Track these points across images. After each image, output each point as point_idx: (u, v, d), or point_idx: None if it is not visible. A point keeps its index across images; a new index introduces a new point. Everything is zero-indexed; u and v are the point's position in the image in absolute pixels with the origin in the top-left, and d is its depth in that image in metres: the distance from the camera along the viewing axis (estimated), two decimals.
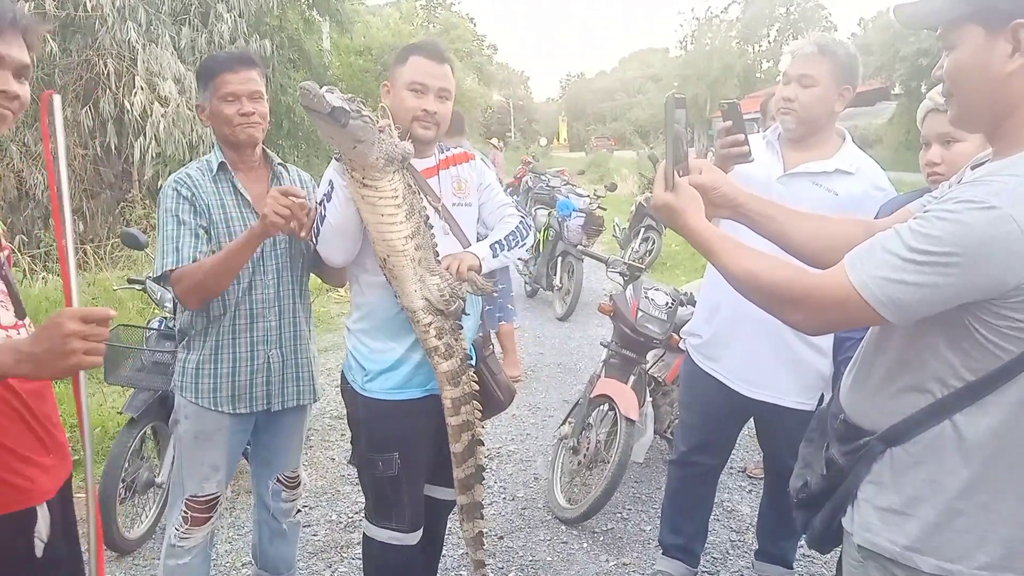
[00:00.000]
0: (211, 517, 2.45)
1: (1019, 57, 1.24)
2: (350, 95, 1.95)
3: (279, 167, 2.46)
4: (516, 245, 2.40)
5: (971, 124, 1.39)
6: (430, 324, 2.16)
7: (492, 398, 2.47)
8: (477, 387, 2.30)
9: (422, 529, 2.41)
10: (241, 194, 2.34)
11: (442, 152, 2.37)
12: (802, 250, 1.60)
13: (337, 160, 2.09)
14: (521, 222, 2.45)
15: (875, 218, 2.23)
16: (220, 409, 2.35)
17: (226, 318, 2.32)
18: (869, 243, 1.28)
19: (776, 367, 2.58)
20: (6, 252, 1.65)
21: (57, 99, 1.49)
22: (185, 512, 2.39)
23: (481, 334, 2.52)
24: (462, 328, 2.24)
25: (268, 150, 2.47)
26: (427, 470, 2.40)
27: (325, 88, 1.91)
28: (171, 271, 2.21)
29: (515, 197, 9.31)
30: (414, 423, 2.28)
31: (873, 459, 1.37)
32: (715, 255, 1.48)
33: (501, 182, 3.14)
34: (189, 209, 2.25)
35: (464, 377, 2.25)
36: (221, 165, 2.32)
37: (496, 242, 2.36)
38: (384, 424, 2.29)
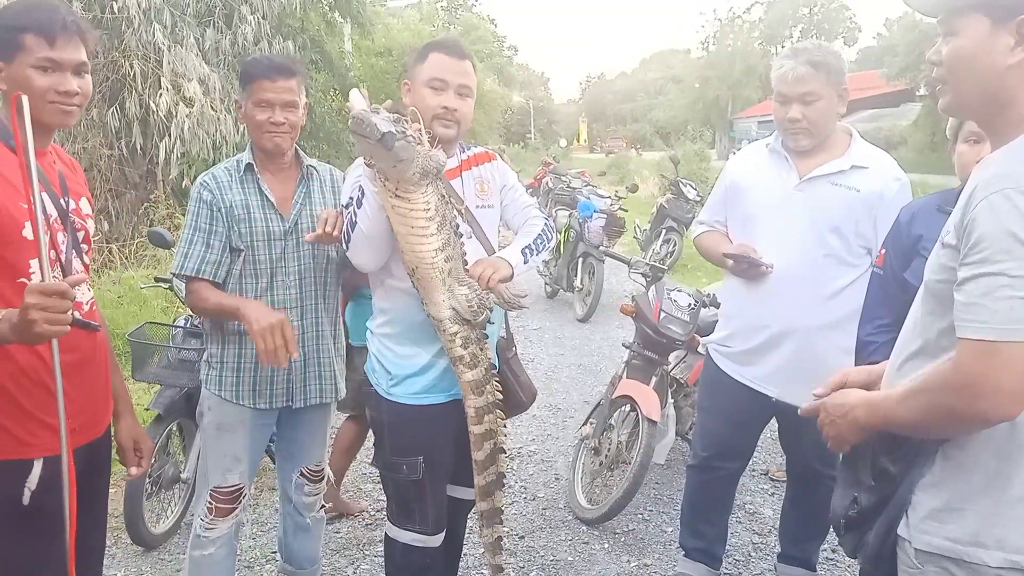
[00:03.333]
0: (236, 508, 2.47)
1: (1020, 51, 1.25)
2: (395, 115, 1.95)
3: (310, 168, 2.47)
4: (543, 249, 2.39)
5: (963, 112, 1.41)
6: (456, 334, 2.15)
7: (514, 399, 2.48)
8: (501, 396, 2.29)
9: (444, 531, 2.42)
10: (265, 195, 2.36)
11: (463, 151, 2.35)
12: None
13: (367, 166, 2.06)
14: (547, 224, 2.43)
15: (898, 218, 2.22)
16: (241, 403, 2.39)
17: None
18: (964, 303, 1.23)
19: (813, 374, 2.56)
20: (83, 234, 1.90)
21: (25, 99, 1.59)
22: (210, 503, 2.42)
23: (503, 335, 2.51)
24: (487, 337, 2.24)
25: (301, 151, 2.48)
26: (449, 471, 2.40)
27: (371, 108, 1.91)
28: (177, 273, 2.35)
29: (535, 198, 9.31)
30: (438, 427, 2.28)
31: (927, 459, 1.37)
32: (890, 417, 1.41)
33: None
34: (207, 215, 2.30)
35: (488, 386, 2.24)
36: (248, 166, 2.36)
37: (526, 247, 2.33)
38: (409, 428, 2.29)
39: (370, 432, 2.75)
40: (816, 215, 2.53)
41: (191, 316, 3.49)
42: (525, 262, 2.30)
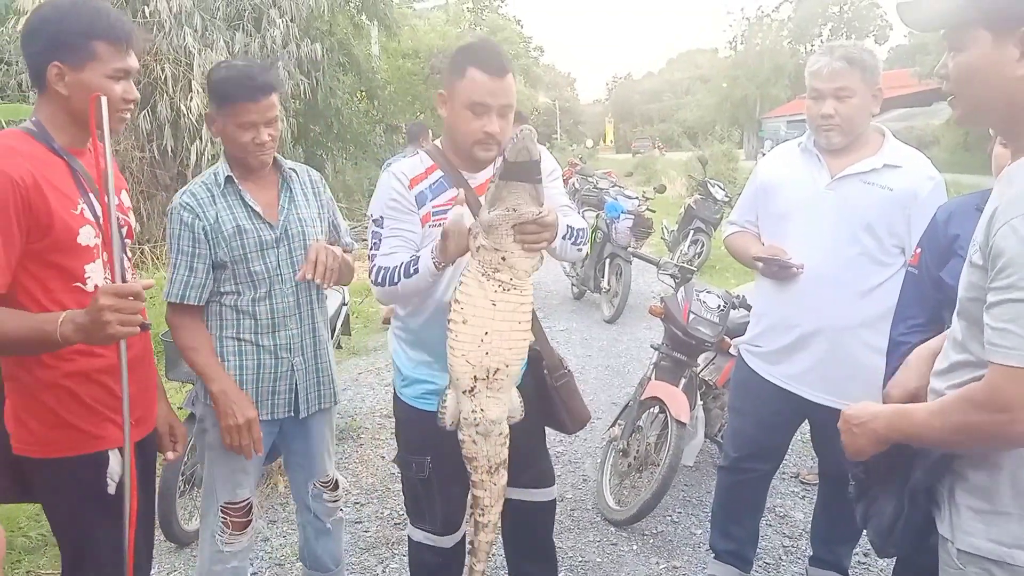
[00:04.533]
0: (250, 520, 2.46)
1: None
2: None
3: (289, 171, 2.40)
4: (578, 242, 2.26)
5: (978, 123, 1.43)
6: (505, 437, 2.06)
7: (557, 424, 2.42)
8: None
9: (460, 532, 2.42)
10: (250, 206, 2.28)
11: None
12: None
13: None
14: (583, 228, 2.30)
15: (934, 217, 2.19)
16: None
17: (246, 325, 2.30)
18: (993, 327, 1.25)
19: (845, 374, 2.54)
20: (125, 229, 1.96)
21: (104, 100, 1.68)
22: (224, 518, 2.39)
23: (546, 361, 2.37)
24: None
25: (278, 156, 2.41)
26: (461, 476, 2.33)
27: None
28: (170, 302, 2.27)
29: None
30: (445, 434, 2.15)
31: (970, 464, 1.37)
32: (914, 433, 1.44)
33: None
34: (189, 237, 2.22)
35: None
36: (228, 179, 2.28)
37: (567, 228, 2.20)
38: (416, 429, 2.32)
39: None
40: (848, 214, 2.50)
41: None
42: (565, 237, 2.18)
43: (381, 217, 2.18)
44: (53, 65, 1.74)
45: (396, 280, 2.07)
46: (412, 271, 2.04)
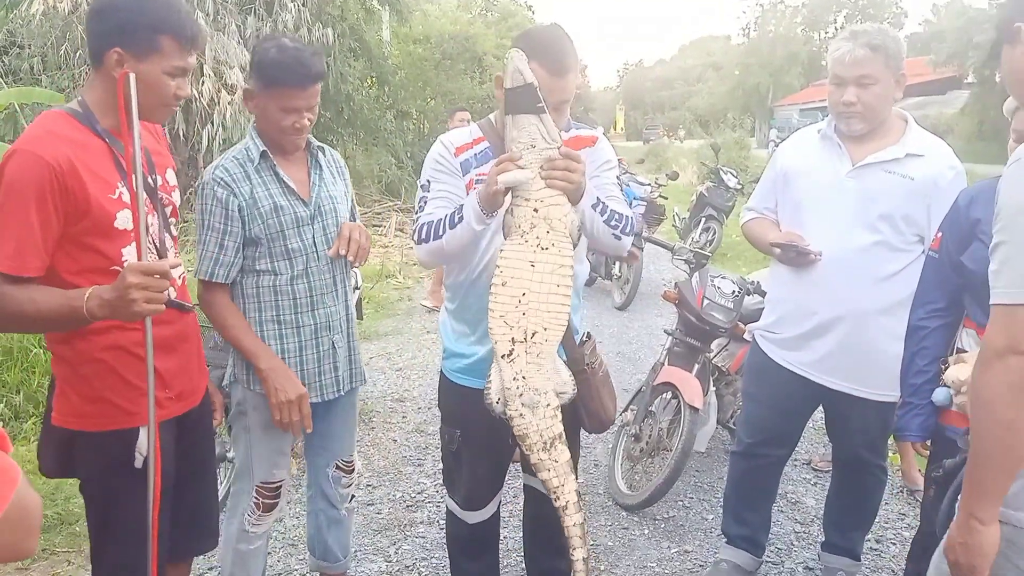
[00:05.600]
0: (278, 502, 2.48)
1: None
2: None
3: (317, 150, 2.39)
4: (612, 224, 2.15)
5: None
6: (556, 409, 2.01)
7: (577, 419, 2.28)
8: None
9: (487, 512, 2.44)
10: (285, 182, 2.27)
11: (565, 131, 2.14)
12: None
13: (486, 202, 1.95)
14: (624, 214, 2.19)
15: (956, 201, 2.17)
16: None
17: (285, 306, 2.29)
18: (993, 270, 1.34)
19: (863, 361, 2.52)
20: (170, 208, 1.99)
21: (132, 77, 1.68)
22: (256, 499, 2.41)
23: (585, 338, 2.32)
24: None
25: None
26: (492, 454, 2.37)
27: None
28: (200, 279, 2.26)
29: None
30: (475, 411, 2.13)
31: None
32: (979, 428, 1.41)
33: None
34: (221, 214, 2.20)
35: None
36: (263, 154, 2.25)
37: (600, 201, 2.12)
38: (449, 402, 2.40)
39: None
40: (868, 203, 2.48)
41: None
42: (594, 207, 2.10)
43: (428, 181, 2.20)
44: (115, 50, 1.74)
45: (441, 232, 2.07)
46: (457, 220, 2.04)
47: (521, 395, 1.95)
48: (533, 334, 1.93)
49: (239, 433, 2.41)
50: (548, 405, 1.97)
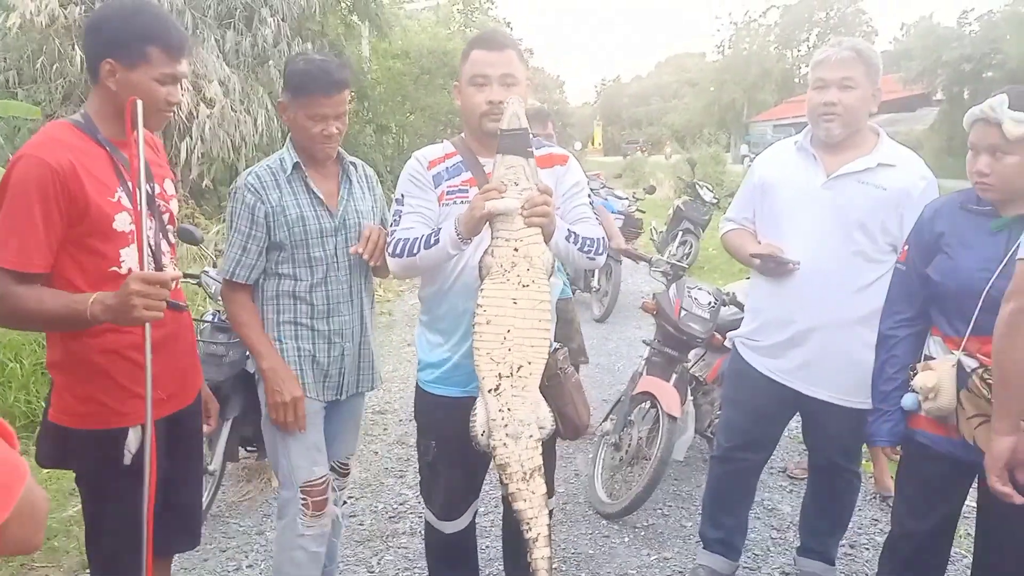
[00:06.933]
0: (328, 499, 2.46)
1: None
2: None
3: (349, 164, 2.48)
4: (585, 250, 2.22)
5: None
6: (536, 449, 2.02)
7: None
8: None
9: (463, 522, 2.48)
10: (315, 193, 2.36)
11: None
12: None
13: (461, 235, 2.04)
14: (595, 238, 2.25)
15: (921, 215, 2.26)
16: (309, 395, 2.40)
17: (303, 311, 2.37)
18: None
19: (838, 368, 2.58)
20: (167, 216, 2.08)
21: (140, 104, 1.79)
22: (304, 499, 2.39)
23: (557, 346, 2.26)
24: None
25: (340, 149, 2.48)
26: (466, 466, 2.38)
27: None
28: (226, 279, 2.37)
29: None
30: (449, 420, 2.24)
31: None
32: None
33: None
34: (247, 219, 2.31)
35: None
36: (296, 165, 2.35)
37: (570, 232, 2.19)
38: (424, 412, 2.44)
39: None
40: (843, 213, 2.54)
41: (218, 311, 3.55)
42: (567, 239, 2.17)
43: (403, 195, 2.28)
44: (107, 62, 1.86)
45: (415, 251, 2.15)
46: (433, 242, 2.12)
47: (506, 426, 2.00)
48: (519, 368, 1.99)
49: (272, 438, 2.44)
50: (531, 436, 2.02)
